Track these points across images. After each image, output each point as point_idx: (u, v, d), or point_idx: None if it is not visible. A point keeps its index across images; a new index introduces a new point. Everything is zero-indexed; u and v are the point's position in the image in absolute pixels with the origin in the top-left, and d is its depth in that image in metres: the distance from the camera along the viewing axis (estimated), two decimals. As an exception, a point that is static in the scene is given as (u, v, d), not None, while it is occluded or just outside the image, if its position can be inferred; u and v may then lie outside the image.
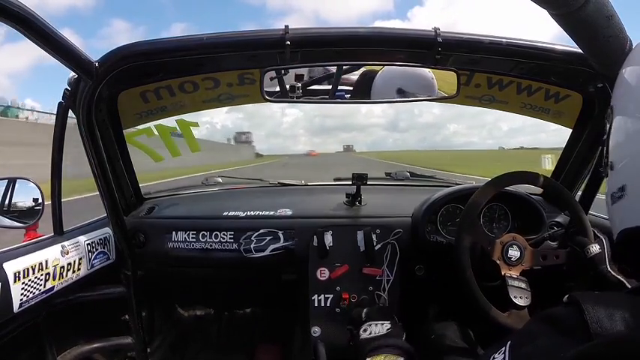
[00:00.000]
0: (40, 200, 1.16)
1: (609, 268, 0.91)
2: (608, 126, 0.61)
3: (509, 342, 0.49)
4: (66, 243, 1.06)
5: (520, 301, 0.97)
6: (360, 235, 1.26)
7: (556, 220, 1.30)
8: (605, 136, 0.62)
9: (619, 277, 0.89)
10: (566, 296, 0.48)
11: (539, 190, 1.34)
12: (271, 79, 1.02)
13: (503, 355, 0.48)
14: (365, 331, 0.97)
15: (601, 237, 0.99)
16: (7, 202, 1.17)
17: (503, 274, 1.01)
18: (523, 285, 1.00)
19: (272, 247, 1.29)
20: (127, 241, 1.26)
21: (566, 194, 1.10)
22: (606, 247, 0.96)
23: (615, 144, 0.59)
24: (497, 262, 1.02)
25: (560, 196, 1.11)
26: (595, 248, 0.96)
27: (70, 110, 1.02)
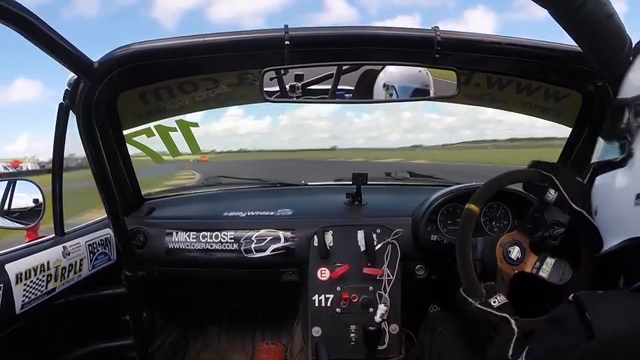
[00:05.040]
0: (40, 201, 1.16)
1: (574, 206, 0.88)
2: None
3: (527, 347, 0.51)
4: (67, 244, 1.06)
5: (566, 276, 0.97)
6: (360, 234, 1.26)
7: (557, 218, 1.30)
8: (638, 122, 0.56)
9: (583, 211, 0.85)
10: (571, 295, 0.49)
11: None
12: (271, 79, 1.02)
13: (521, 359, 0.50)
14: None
15: (547, 175, 0.96)
16: (7, 202, 1.17)
17: (529, 271, 1.00)
18: (551, 262, 0.99)
19: (272, 247, 1.29)
20: (128, 242, 1.26)
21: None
22: (560, 185, 0.94)
23: None
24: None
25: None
26: (552, 193, 0.95)
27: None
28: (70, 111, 1.03)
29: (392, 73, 1.07)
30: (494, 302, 0.92)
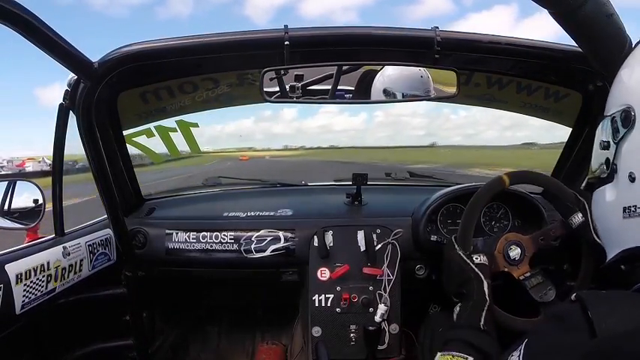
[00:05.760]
0: (40, 201, 1.16)
1: (596, 237, 0.86)
2: (622, 129, 0.57)
3: (525, 341, 0.50)
4: (67, 244, 1.06)
5: (547, 297, 0.98)
6: (360, 235, 1.26)
7: (557, 218, 1.30)
8: (616, 139, 0.57)
9: (603, 244, 0.86)
10: (573, 294, 0.49)
11: (540, 189, 1.34)
12: (271, 79, 1.02)
13: (519, 353, 0.50)
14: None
15: (582, 200, 0.97)
16: (7, 203, 1.17)
17: (516, 276, 1.01)
18: (540, 279, 1.00)
19: (272, 247, 1.29)
20: (128, 242, 1.26)
21: (552, 180, 1.10)
22: (589, 213, 0.92)
23: None
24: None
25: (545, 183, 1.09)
26: (578, 217, 0.97)
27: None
28: (70, 111, 1.03)
29: (393, 79, 1.07)
30: (476, 259, 0.97)
